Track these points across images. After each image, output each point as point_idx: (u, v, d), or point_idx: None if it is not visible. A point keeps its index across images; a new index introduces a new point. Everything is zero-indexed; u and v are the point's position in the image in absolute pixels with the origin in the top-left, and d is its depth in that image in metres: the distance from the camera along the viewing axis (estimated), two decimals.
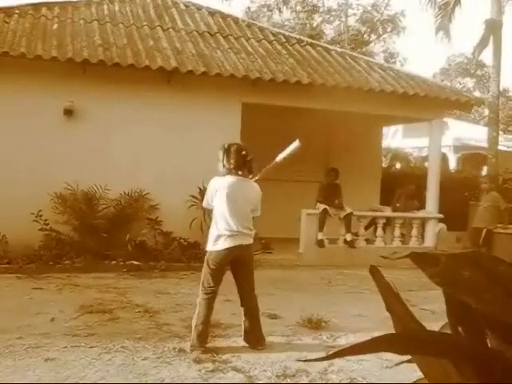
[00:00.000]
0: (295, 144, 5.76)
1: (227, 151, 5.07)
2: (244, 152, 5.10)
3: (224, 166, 5.10)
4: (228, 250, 5.01)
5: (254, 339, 5.24)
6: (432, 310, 5.74)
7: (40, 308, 6.30)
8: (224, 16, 12.30)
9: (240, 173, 5.10)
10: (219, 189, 5.05)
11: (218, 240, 5.03)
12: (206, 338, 5.09)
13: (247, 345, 5.25)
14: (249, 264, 5.28)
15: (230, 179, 5.08)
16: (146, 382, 4.40)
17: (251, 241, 5.22)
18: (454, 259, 1.05)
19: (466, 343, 1.16)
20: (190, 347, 5.03)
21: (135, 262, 8.83)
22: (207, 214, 5.45)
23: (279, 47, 11.30)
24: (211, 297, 5.07)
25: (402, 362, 1.27)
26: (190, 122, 9.77)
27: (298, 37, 12.91)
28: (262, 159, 11.77)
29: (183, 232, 9.32)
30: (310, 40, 12.84)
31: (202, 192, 8.04)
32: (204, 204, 5.31)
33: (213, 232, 5.09)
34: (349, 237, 10.41)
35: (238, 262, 5.15)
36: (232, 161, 5.03)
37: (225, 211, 5.02)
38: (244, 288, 5.23)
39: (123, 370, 4.59)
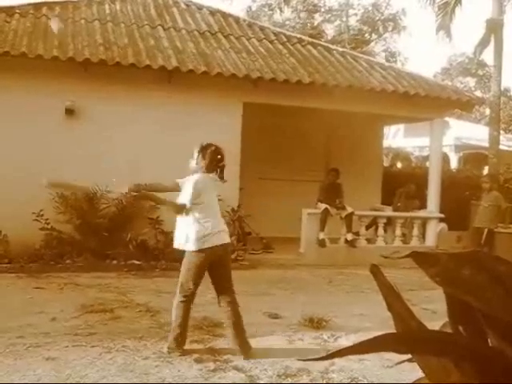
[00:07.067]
0: None
1: (204, 151, 5.06)
2: (219, 156, 5.10)
3: (197, 164, 5.07)
4: (212, 248, 4.94)
5: (244, 347, 5.04)
6: (433, 310, 5.73)
7: (41, 307, 6.30)
8: (225, 15, 12.30)
9: (211, 175, 5.10)
10: (205, 187, 5.03)
11: (202, 239, 4.92)
12: (184, 340, 5.03)
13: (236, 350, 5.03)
14: (229, 264, 5.25)
15: (209, 178, 5.07)
16: (147, 382, 4.41)
17: (229, 239, 5.24)
18: (454, 258, 1.05)
19: (466, 342, 1.16)
20: (167, 349, 4.99)
21: (136, 262, 8.84)
22: (182, 212, 5.00)
23: (280, 47, 11.29)
24: (190, 299, 5.00)
25: (403, 362, 1.27)
26: (190, 121, 9.76)
27: (299, 36, 12.90)
28: (262, 158, 11.74)
29: None
30: (310, 39, 12.84)
31: None
32: (187, 202, 4.94)
33: (195, 231, 4.94)
34: (350, 236, 10.41)
35: (219, 262, 5.03)
36: (207, 161, 5.03)
37: (209, 209, 5.02)
38: (225, 290, 5.08)
39: (124, 370, 4.59)
